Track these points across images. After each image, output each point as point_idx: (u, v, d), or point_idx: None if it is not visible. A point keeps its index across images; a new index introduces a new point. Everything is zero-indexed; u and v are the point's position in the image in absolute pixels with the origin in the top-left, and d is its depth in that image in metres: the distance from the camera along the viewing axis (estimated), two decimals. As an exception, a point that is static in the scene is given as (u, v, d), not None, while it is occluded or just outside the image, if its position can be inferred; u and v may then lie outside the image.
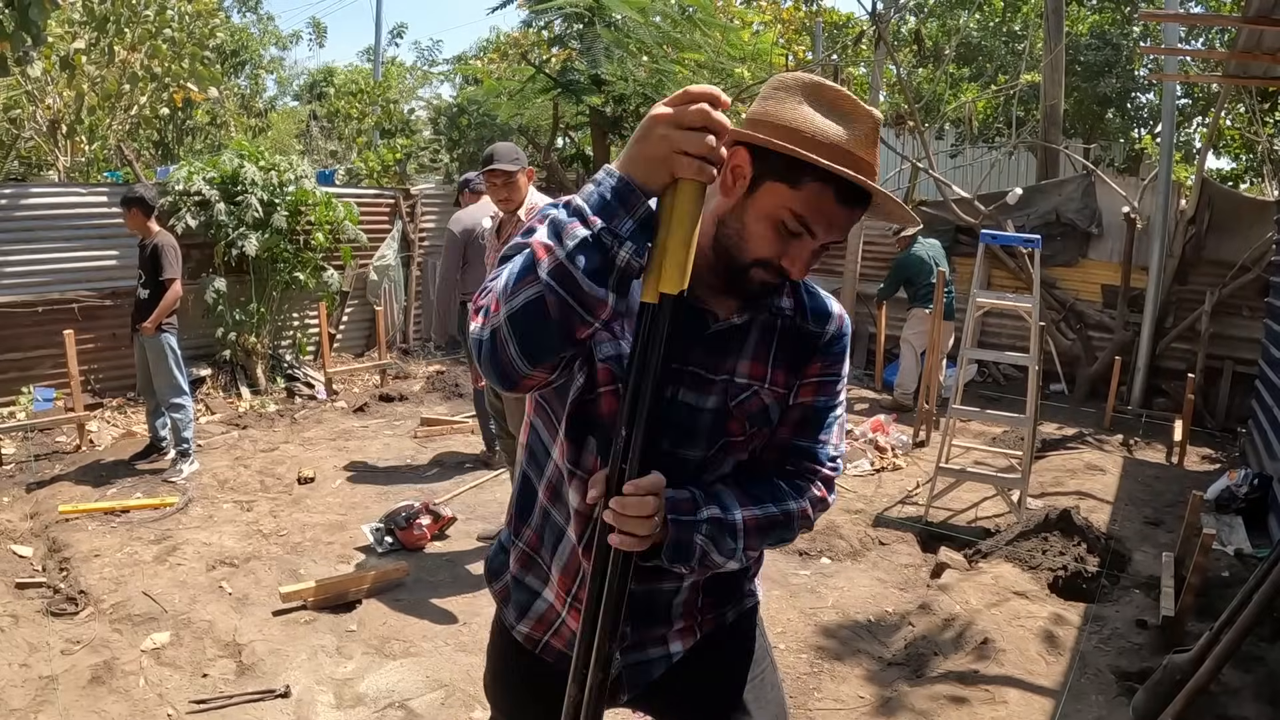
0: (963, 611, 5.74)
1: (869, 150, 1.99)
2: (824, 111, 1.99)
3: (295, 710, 4.68)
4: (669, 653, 2.42)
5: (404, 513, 6.93)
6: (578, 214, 1.80)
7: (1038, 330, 7.66)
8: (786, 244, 2.03)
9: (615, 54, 13.65)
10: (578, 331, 1.83)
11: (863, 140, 1.98)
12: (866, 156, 1.98)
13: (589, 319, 1.81)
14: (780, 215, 1.99)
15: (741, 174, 2.02)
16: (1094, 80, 23.12)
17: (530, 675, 2.49)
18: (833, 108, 2.00)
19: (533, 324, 1.82)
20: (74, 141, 13.45)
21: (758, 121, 2.02)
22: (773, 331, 2.25)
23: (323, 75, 34.20)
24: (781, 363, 2.26)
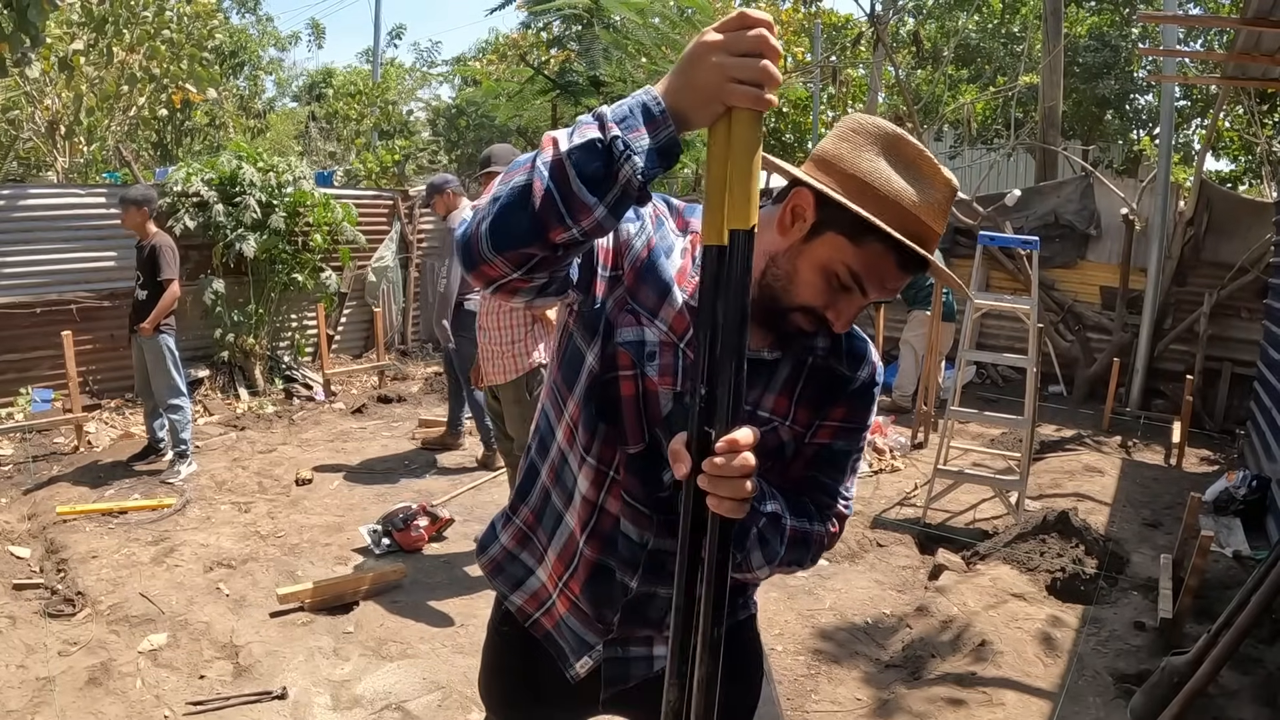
0: (960, 613, 5.73)
1: (939, 219, 1.95)
2: (901, 170, 1.94)
3: (292, 712, 4.68)
4: (651, 655, 2.38)
5: (401, 514, 6.92)
6: (598, 118, 1.68)
7: (1036, 332, 7.65)
8: (835, 296, 1.98)
9: (614, 55, 13.65)
10: (552, 232, 1.70)
11: (935, 208, 1.95)
12: (935, 225, 1.95)
13: (568, 223, 1.68)
14: (835, 268, 1.95)
15: (802, 216, 1.96)
16: (1093, 82, 23.13)
17: (525, 664, 2.48)
18: (910, 167, 1.95)
19: (512, 205, 1.72)
20: (72, 142, 13.47)
21: (828, 164, 1.97)
22: (803, 367, 2.20)
23: (321, 76, 34.21)
24: (806, 400, 2.21)
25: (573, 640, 2.36)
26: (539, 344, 6.02)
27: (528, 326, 5.98)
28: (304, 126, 28.85)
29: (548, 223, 1.69)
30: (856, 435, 2.30)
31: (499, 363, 6.05)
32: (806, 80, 21.35)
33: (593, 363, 2.11)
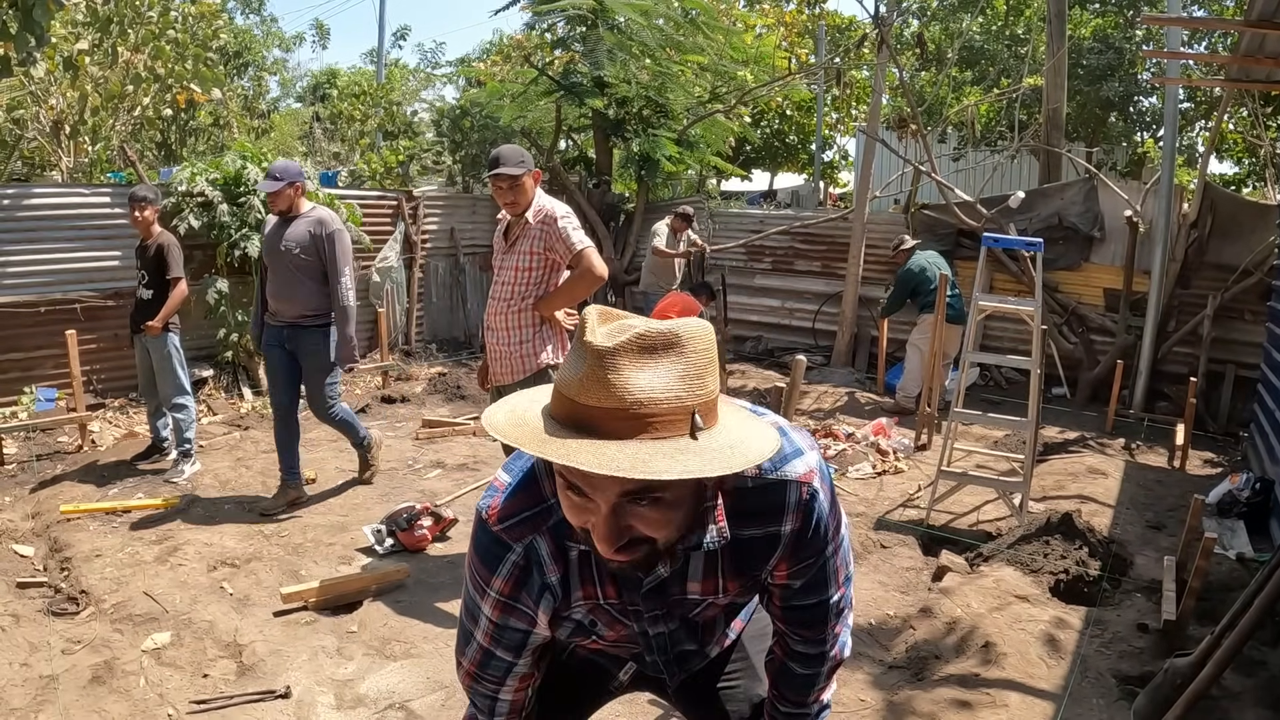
0: (964, 615, 5.73)
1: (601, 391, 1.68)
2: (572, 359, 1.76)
3: (296, 711, 4.68)
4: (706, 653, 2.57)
5: (405, 514, 6.93)
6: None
7: (1040, 334, 7.65)
8: (582, 513, 1.82)
9: (618, 56, 13.69)
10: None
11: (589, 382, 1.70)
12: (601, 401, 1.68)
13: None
14: (559, 477, 1.84)
15: None
16: (1096, 84, 23.13)
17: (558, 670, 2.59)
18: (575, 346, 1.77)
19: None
20: (77, 142, 13.46)
21: None
22: (715, 555, 2.13)
23: (325, 77, 34.25)
24: (730, 573, 2.17)
25: (614, 664, 2.47)
26: (547, 345, 6.03)
27: (536, 327, 5.99)
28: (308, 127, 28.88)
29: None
30: (814, 580, 2.25)
31: (507, 363, 6.06)
32: (810, 82, 21.36)
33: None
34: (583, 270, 5.89)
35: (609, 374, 1.67)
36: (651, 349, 1.70)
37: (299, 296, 7.39)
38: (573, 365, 1.73)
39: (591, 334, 1.71)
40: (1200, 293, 11.87)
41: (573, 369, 1.72)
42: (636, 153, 14.43)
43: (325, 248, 7.31)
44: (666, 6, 14.32)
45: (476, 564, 2.12)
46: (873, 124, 14.10)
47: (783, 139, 26.39)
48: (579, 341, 1.73)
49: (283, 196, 7.30)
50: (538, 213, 5.95)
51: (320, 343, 7.55)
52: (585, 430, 1.68)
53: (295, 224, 7.36)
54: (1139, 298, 12.25)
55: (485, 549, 2.09)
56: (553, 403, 1.76)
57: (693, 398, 1.71)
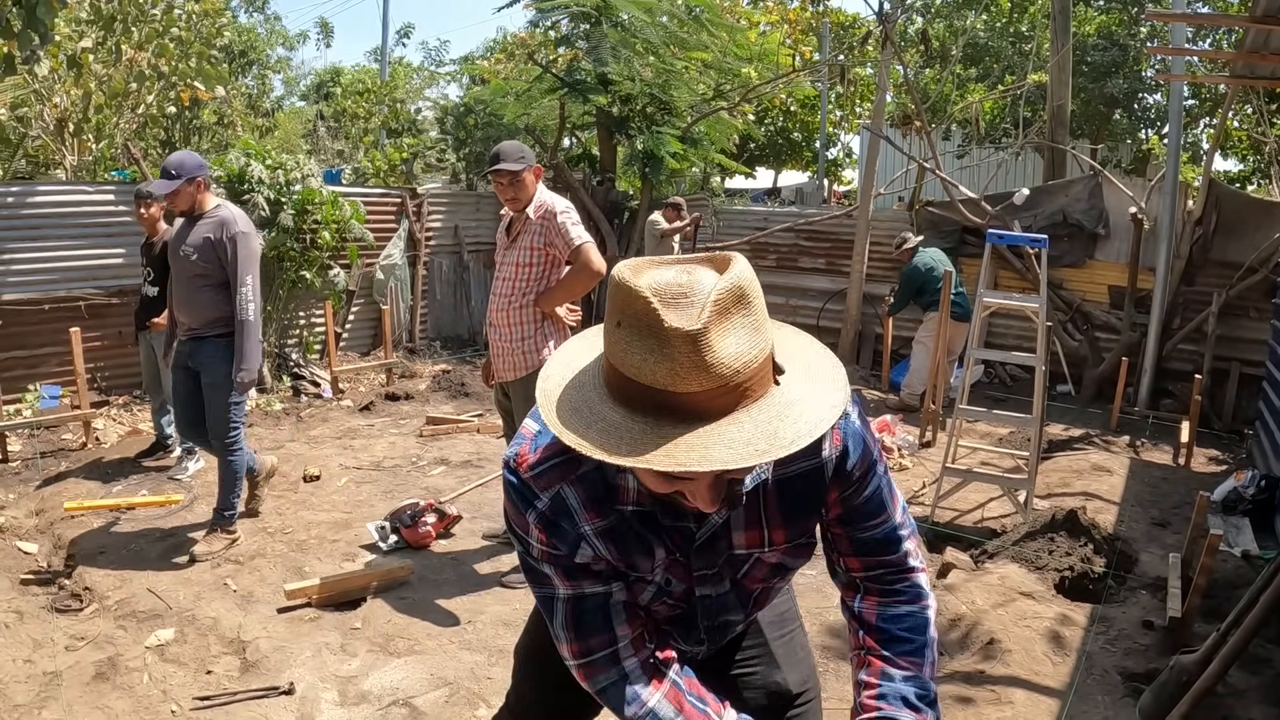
0: (969, 612, 5.73)
1: (695, 376, 1.64)
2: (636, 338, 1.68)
3: (299, 707, 4.68)
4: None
5: (409, 511, 6.93)
6: None
7: (1044, 331, 7.64)
8: (674, 483, 1.81)
9: (622, 54, 13.68)
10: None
11: (676, 373, 1.64)
12: (693, 386, 1.64)
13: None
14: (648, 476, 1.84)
15: None
16: (1101, 81, 23.14)
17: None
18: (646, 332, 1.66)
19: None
20: (81, 140, 13.47)
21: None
22: (757, 496, 2.11)
23: (329, 75, 34.30)
24: (777, 518, 2.16)
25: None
26: (549, 341, 6.02)
27: (538, 323, 5.98)
28: (312, 125, 28.90)
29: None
30: (868, 503, 2.21)
31: (510, 360, 6.05)
32: (814, 79, 21.36)
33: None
34: (581, 265, 5.89)
35: (706, 355, 1.62)
36: (727, 311, 1.65)
37: (197, 306, 6.50)
38: (648, 350, 1.65)
39: (665, 312, 1.64)
40: (1205, 290, 11.85)
41: (652, 355, 1.64)
42: (640, 150, 14.42)
43: (226, 252, 6.40)
44: (670, 3, 14.32)
45: (512, 512, 2.12)
46: (877, 121, 14.09)
47: (787, 136, 26.42)
48: (641, 323, 1.66)
49: (182, 195, 6.42)
50: (538, 208, 5.95)
51: (217, 355, 6.51)
52: (690, 417, 1.65)
53: (198, 225, 6.49)
54: (1144, 295, 12.23)
55: (515, 497, 2.08)
56: (628, 393, 1.70)
57: (767, 342, 1.72)
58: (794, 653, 2.65)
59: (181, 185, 6.32)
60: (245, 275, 6.38)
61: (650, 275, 1.73)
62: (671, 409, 1.65)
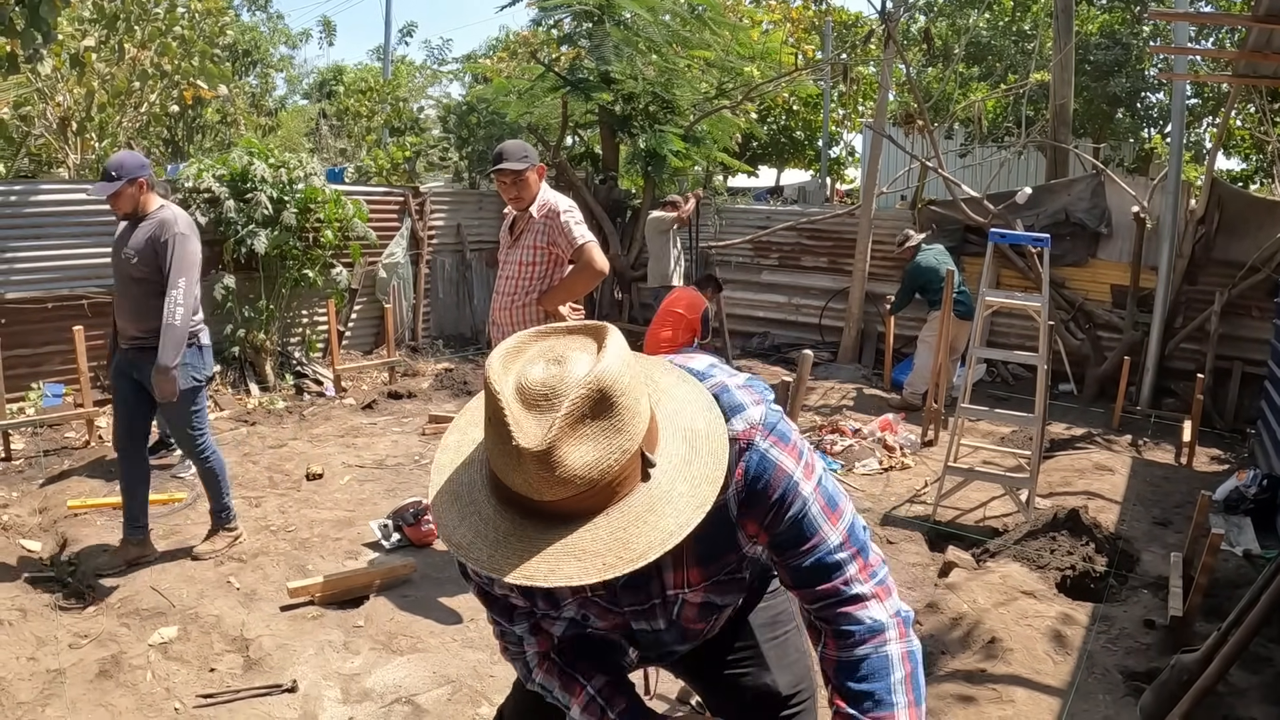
0: (970, 610, 5.73)
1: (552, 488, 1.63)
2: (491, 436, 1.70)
3: (302, 705, 4.70)
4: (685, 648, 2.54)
5: (412, 509, 6.94)
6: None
7: (1047, 330, 7.65)
8: None
9: (624, 52, 13.68)
10: None
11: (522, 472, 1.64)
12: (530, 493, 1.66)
13: None
14: None
15: None
16: (1103, 80, 23.15)
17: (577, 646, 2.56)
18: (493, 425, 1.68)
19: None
20: (84, 139, 13.49)
21: None
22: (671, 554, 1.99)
23: (332, 74, 34.29)
24: (692, 558, 2.13)
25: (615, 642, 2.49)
26: None
27: (541, 322, 5.99)
28: (314, 124, 28.90)
29: None
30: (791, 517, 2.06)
31: None
32: (817, 78, 21.37)
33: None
34: (583, 265, 5.91)
35: (557, 470, 1.61)
36: (582, 419, 1.63)
37: (141, 313, 6.13)
38: (506, 458, 1.64)
39: (518, 431, 1.61)
40: (1207, 289, 11.85)
41: (509, 464, 1.64)
42: (643, 149, 14.42)
43: (165, 254, 6.03)
44: (673, 2, 14.32)
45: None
46: (879, 120, 14.09)
47: (789, 135, 26.43)
48: (498, 432, 1.65)
49: (124, 197, 6.14)
50: (541, 207, 5.97)
51: None
52: (555, 521, 1.67)
53: (139, 227, 6.16)
54: (1146, 294, 12.23)
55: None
56: (501, 492, 1.72)
57: (632, 441, 1.69)
58: (786, 654, 2.63)
59: (123, 186, 6.06)
60: (179, 278, 5.97)
61: (516, 372, 1.72)
62: (537, 512, 1.67)
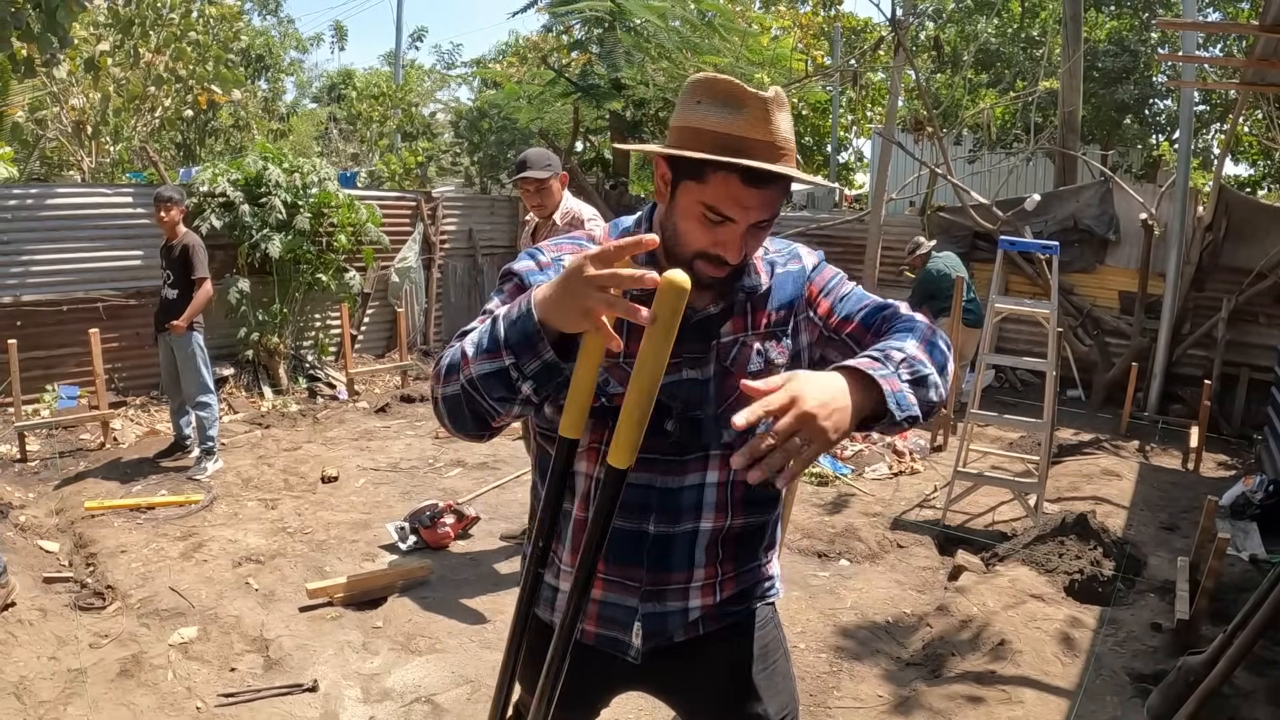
0: (980, 613, 5.78)
1: (759, 128, 2.06)
2: (716, 106, 2.08)
3: (323, 704, 4.76)
4: (686, 607, 2.48)
5: (428, 512, 6.99)
6: (494, 341, 1.97)
7: (1055, 336, 7.69)
8: (714, 232, 2.12)
9: (635, 58, 13.73)
10: (492, 421, 2.09)
11: (755, 122, 2.06)
12: (755, 134, 2.06)
13: (498, 415, 2.06)
14: (698, 209, 2.11)
15: (665, 180, 2.18)
16: (1111, 87, 23.14)
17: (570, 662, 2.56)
18: (724, 100, 2.08)
19: (455, 411, 2.09)
20: (98, 142, 13.55)
21: (670, 130, 2.19)
22: (747, 300, 2.35)
23: (341, 78, 34.31)
24: (763, 305, 2.37)
25: (620, 614, 2.47)
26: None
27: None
28: (324, 128, 28.94)
29: (485, 418, 2.08)
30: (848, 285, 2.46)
31: None
32: (826, 84, 21.40)
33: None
34: None
35: (771, 116, 2.07)
36: (782, 103, 2.11)
37: None
38: (728, 111, 2.07)
39: (743, 90, 2.07)
40: (1215, 296, 11.88)
41: (731, 113, 2.06)
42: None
43: None
44: (683, 8, 14.36)
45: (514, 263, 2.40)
46: (889, 126, 14.11)
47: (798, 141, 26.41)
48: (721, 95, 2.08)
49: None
50: (565, 215, 6.03)
51: None
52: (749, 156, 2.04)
53: None
54: (1154, 300, 12.25)
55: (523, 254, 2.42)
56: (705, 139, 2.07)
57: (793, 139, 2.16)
58: (774, 683, 2.68)
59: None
60: None
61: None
62: (740, 149, 2.04)
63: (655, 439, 2.25)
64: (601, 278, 1.79)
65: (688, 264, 2.14)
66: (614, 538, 2.28)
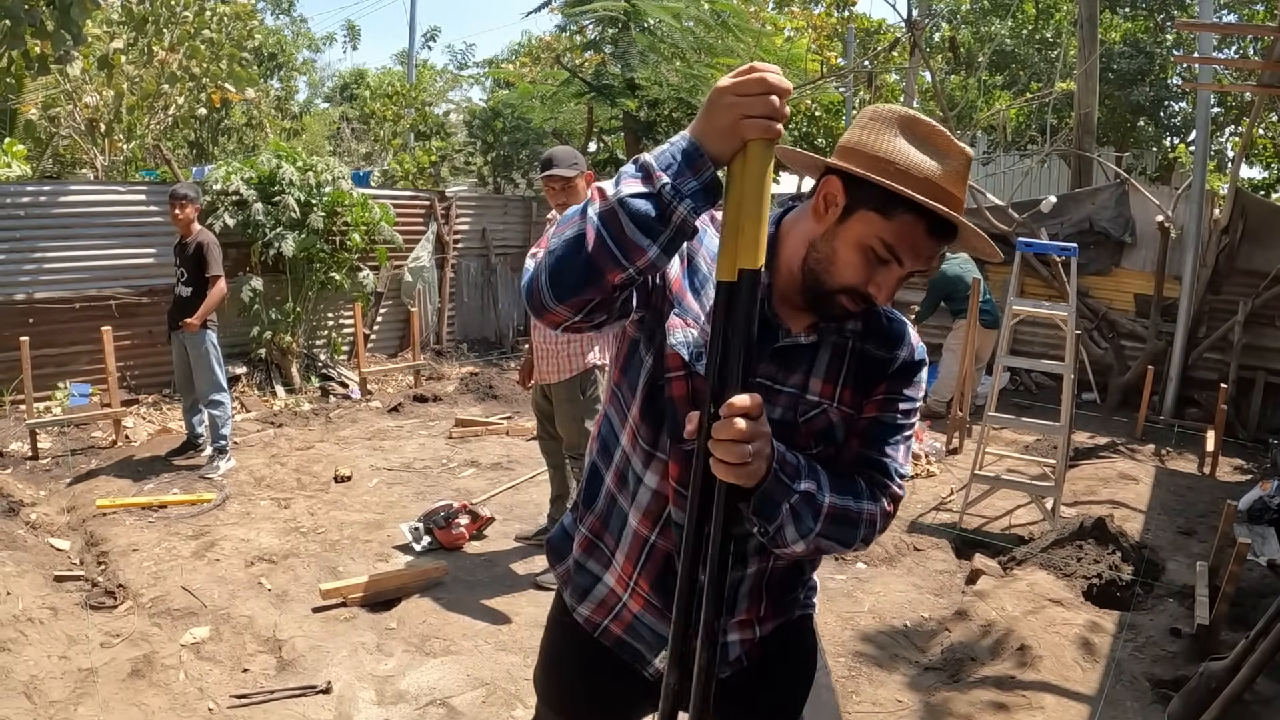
0: (999, 618, 5.74)
1: (959, 185, 2.02)
2: (918, 145, 2.02)
3: (337, 706, 4.72)
4: (725, 643, 2.42)
5: (442, 512, 6.97)
6: (644, 169, 1.86)
7: (1073, 339, 7.65)
8: (874, 271, 2.05)
9: (649, 58, 13.68)
10: (609, 274, 1.87)
11: (954, 176, 2.01)
12: (956, 191, 2.02)
13: (624, 264, 1.86)
14: (871, 243, 2.02)
15: (834, 201, 2.05)
16: (1127, 88, 23.10)
17: (587, 662, 2.54)
18: (926, 142, 2.02)
19: (568, 255, 1.88)
20: (111, 140, 13.55)
21: (851, 151, 2.07)
22: (844, 352, 2.26)
23: (354, 77, 34.36)
24: (850, 382, 2.26)
25: (650, 637, 2.43)
26: (594, 344, 6.06)
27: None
28: (337, 127, 28.97)
29: (603, 267, 1.87)
30: (903, 411, 2.33)
31: (554, 361, 6.10)
32: (839, 85, 21.37)
33: (650, 364, 2.22)
34: None
35: (963, 172, 2.04)
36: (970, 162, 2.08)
37: None
38: (930, 152, 2.02)
39: (950, 141, 2.04)
40: (1231, 299, 11.84)
41: (931, 156, 2.02)
42: (667, 155, 14.46)
43: None
44: (697, 9, 14.32)
45: None
46: (903, 127, 14.08)
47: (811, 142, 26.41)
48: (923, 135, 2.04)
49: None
50: None
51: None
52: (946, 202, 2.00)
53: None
54: (1170, 303, 12.22)
55: None
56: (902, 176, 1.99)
57: None
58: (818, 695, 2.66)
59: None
60: None
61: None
62: (940, 200, 1.99)
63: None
64: (745, 84, 1.79)
65: (830, 295, 2.10)
66: (669, 566, 2.29)
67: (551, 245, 1.93)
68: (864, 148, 2.04)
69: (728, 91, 1.79)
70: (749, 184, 1.82)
